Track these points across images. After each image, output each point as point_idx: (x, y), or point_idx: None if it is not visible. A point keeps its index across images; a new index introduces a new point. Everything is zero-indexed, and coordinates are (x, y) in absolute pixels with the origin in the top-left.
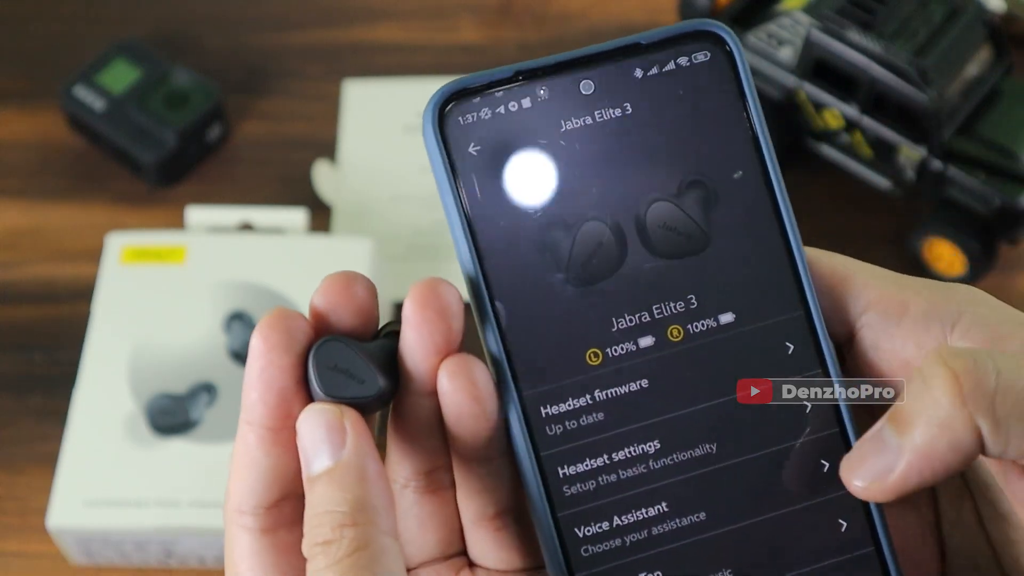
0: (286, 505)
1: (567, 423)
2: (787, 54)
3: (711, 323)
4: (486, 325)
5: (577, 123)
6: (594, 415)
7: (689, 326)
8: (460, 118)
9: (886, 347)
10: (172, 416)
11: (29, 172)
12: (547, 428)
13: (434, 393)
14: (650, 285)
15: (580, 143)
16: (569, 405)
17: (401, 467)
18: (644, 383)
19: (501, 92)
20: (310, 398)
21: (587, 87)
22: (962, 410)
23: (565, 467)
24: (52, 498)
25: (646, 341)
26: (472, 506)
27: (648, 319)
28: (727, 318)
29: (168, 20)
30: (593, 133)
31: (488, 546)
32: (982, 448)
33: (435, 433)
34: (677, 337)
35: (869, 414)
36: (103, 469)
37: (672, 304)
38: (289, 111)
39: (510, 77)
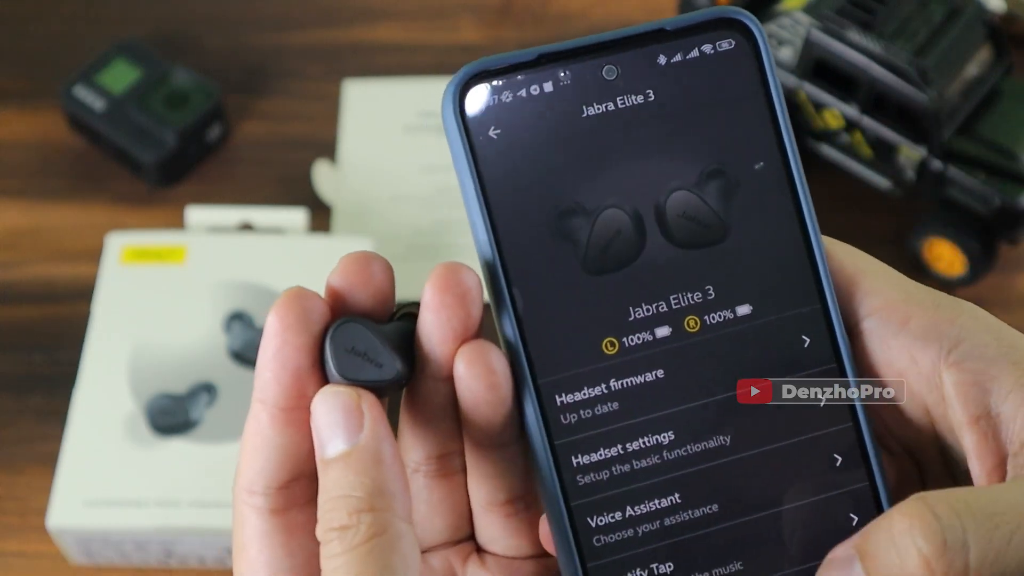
0: (297, 486)
1: (582, 412)
2: (787, 54)
3: (728, 314)
4: (502, 311)
5: (599, 109)
6: (609, 404)
7: (706, 317)
8: (481, 100)
9: (882, 356)
10: (172, 416)
11: (29, 172)
12: (562, 417)
13: (450, 378)
14: (668, 275)
15: (601, 129)
16: (584, 394)
17: (413, 451)
18: (660, 373)
19: (523, 75)
20: (325, 379)
21: (610, 72)
22: None
23: (579, 456)
24: (52, 498)
25: (663, 331)
26: (483, 491)
27: (665, 309)
28: (744, 310)
29: (168, 20)
30: (615, 119)
31: (498, 532)
32: None
33: (449, 418)
34: (694, 328)
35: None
36: (103, 469)
37: (690, 294)
38: (289, 111)
39: (532, 60)
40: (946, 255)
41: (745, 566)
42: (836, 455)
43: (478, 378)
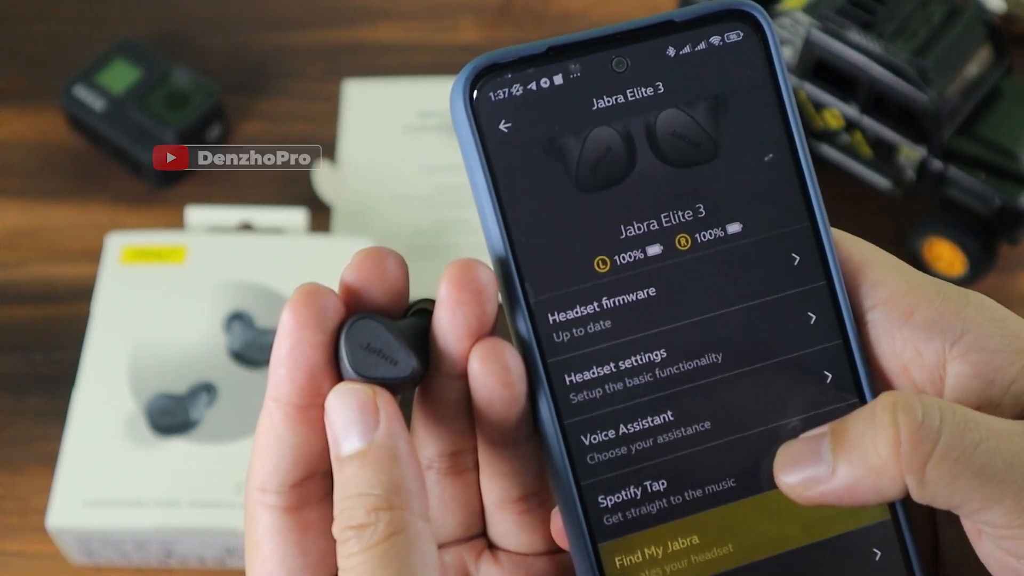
0: (311, 483)
1: (574, 330)
2: (787, 54)
3: (719, 232)
4: (516, 308)
5: (609, 101)
6: (601, 323)
7: (697, 235)
8: (491, 94)
9: (887, 347)
10: (172, 416)
11: (29, 172)
12: (554, 335)
13: (464, 376)
14: (660, 194)
15: (612, 121)
16: (577, 312)
17: (426, 448)
18: (652, 291)
19: (532, 68)
20: (339, 377)
21: (620, 64)
22: (894, 465)
23: (572, 374)
24: (52, 498)
25: (654, 249)
26: (497, 488)
27: (657, 227)
28: (735, 228)
29: (168, 20)
30: (625, 111)
31: (510, 529)
32: (906, 495)
33: (462, 415)
34: (685, 246)
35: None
36: (103, 469)
37: (680, 212)
38: (289, 111)
39: (542, 53)
40: (946, 255)
41: (738, 483)
42: (827, 372)
43: (493, 375)
